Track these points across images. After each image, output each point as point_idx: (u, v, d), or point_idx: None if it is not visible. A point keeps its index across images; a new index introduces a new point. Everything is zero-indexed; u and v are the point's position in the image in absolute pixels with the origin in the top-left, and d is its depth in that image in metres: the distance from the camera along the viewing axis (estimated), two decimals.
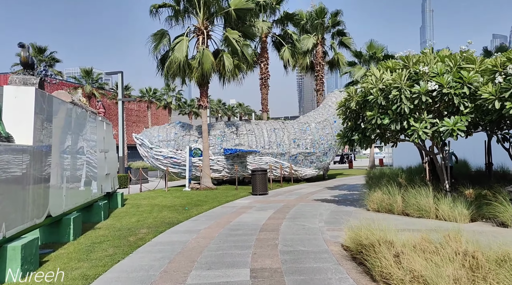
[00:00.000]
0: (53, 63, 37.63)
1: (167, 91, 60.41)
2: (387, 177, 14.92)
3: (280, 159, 20.29)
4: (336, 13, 27.36)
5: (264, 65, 23.96)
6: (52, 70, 37.35)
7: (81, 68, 44.67)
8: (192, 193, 17.32)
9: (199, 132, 20.25)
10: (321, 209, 11.17)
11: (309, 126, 20.99)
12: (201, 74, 17.93)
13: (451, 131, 8.44)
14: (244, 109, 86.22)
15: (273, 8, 23.77)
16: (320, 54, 27.58)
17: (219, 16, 19.01)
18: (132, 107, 79.41)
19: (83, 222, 9.99)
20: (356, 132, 10.36)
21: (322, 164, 21.52)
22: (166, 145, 19.84)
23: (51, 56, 37.11)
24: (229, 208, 12.23)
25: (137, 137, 20.24)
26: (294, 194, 15.77)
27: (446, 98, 8.58)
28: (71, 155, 8.50)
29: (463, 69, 8.88)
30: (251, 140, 20.08)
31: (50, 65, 37.30)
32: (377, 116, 9.38)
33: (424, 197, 9.12)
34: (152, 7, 18.69)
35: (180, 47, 17.66)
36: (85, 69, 44.46)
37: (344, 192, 15.86)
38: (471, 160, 17.90)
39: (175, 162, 19.80)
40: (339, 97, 22.11)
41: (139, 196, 16.59)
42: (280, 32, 24.69)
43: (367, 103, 9.87)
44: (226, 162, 19.87)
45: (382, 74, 9.37)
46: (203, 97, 19.01)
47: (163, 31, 18.63)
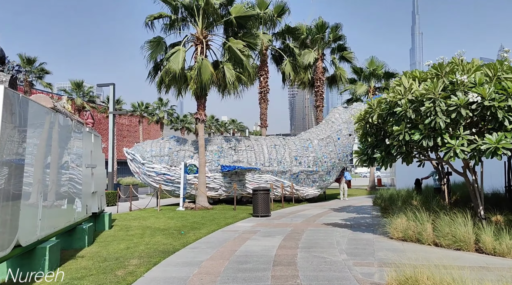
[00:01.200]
0: (43, 75, 36.12)
1: (159, 105, 59.13)
2: (402, 199, 13.77)
3: (281, 177, 19.02)
4: (337, 27, 26.60)
5: (264, 78, 22.93)
6: (41, 82, 35.93)
7: (71, 80, 43.29)
8: (187, 213, 15.92)
9: (195, 147, 18.96)
10: (336, 235, 9.89)
11: (311, 143, 19.83)
12: (199, 86, 16.77)
13: (494, 150, 7.31)
14: (237, 126, 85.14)
15: (274, 20, 22.90)
16: (321, 70, 26.71)
17: (219, 25, 18.00)
18: (123, 122, 77.94)
19: (64, 248, 8.57)
20: (378, 149, 9.19)
21: (325, 184, 20.28)
22: (159, 161, 18.49)
23: (40, 67, 35.64)
24: (231, 232, 10.88)
25: (128, 152, 18.87)
26: (299, 216, 14.46)
27: (488, 112, 7.48)
28: (51, 169, 7.16)
29: (504, 80, 7.83)
30: (251, 157, 18.82)
31: (39, 77, 35.86)
32: (405, 132, 8.23)
33: (461, 225, 7.91)
34: (148, 19, 17.60)
35: (176, 58, 16.51)
36: (75, 82, 43.07)
37: (353, 215, 14.60)
38: (486, 182, 16.78)
39: (168, 179, 18.42)
40: (343, 113, 21.10)
41: (128, 215, 15.14)
42: (280, 46, 23.77)
43: (391, 117, 8.73)
44: (223, 179, 18.53)
45: (411, 85, 8.26)
46: (200, 110, 17.80)
47: (159, 39, 17.52)
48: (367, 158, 9.49)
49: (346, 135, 20.45)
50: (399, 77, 9.18)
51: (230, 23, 17.66)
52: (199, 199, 17.41)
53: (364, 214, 14.80)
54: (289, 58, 22.74)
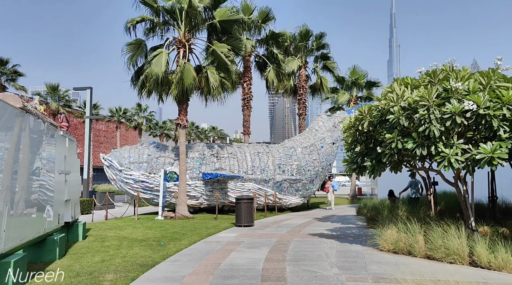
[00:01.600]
0: (16, 77, 34.73)
1: (138, 111, 57.93)
2: (388, 209, 13.54)
3: (264, 186, 18.59)
4: (321, 35, 26.60)
5: (247, 85, 22.55)
6: (14, 84, 34.55)
7: (47, 84, 41.89)
8: (166, 222, 15.27)
9: (175, 154, 18.34)
10: (323, 247, 9.49)
11: (295, 151, 19.51)
12: (181, 90, 16.24)
13: (489, 160, 7.09)
14: (217, 133, 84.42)
15: (258, 26, 22.62)
16: (304, 78, 26.58)
17: (203, 29, 17.56)
18: (100, 128, 76.17)
19: (32, 262, 7.88)
20: (368, 157, 8.88)
21: (308, 192, 19.96)
22: (138, 167, 17.78)
23: (13, 69, 34.29)
24: (213, 243, 10.35)
25: (105, 158, 18.08)
26: (283, 226, 14.03)
27: (483, 121, 7.28)
28: (19, 175, 6.52)
29: (497, 88, 7.67)
30: (233, 164, 18.33)
31: (12, 79, 34.50)
32: (398, 140, 7.95)
33: (454, 237, 7.64)
34: (130, 24, 16.99)
35: (158, 60, 15.96)
36: (51, 85, 41.72)
37: (338, 225, 14.27)
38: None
39: (147, 187, 17.71)
40: (326, 121, 20.92)
41: (104, 225, 14.38)
42: (264, 52, 23.50)
43: (383, 124, 8.46)
44: (204, 187, 17.96)
45: (403, 91, 8.01)
46: (182, 115, 17.23)
47: (140, 41, 16.95)
48: (357, 167, 9.18)
49: (329, 144, 20.25)
50: (389, 84, 8.95)
51: (214, 28, 17.25)
52: (179, 208, 16.78)
53: (349, 224, 14.50)
54: (273, 65, 22.48)
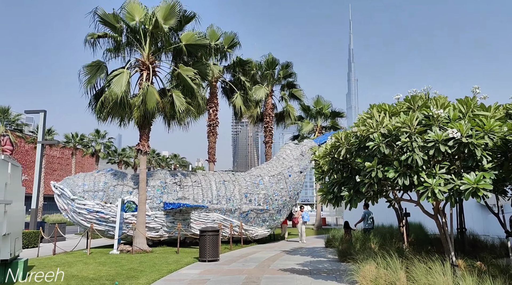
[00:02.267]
0: None
1: (96, 138, 55.54)
2: (360, 242, 13.02)
3: (229, 216, 17.64)
4: (287, 65, 26.70)
5: (213, 111, 21.92)
6: None
7: None
8: (122, 257, 13.93)
9: (134, 182, 17.13)
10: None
11: (262, 179, 18.83)
12: (143, 114, 15.32)
13: (474, 191, 6.73)
14: (179, 161, 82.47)
15: (224, 52, 22.31)
16: (270, 105, 26.38)
17: (168, 51, 16.92)
18: (55, 154, 72.50)
19: None
20: (345, 187, 8.34)
21: (275, 223, 19.19)
22: (93, 196, 16.39)
23: None
24: (175, 282, 9.30)
25: (56, 186, 16.57)
26: (251, 260, 13.11)
27: (466, 150, 6.96)
28: None
29: (477, 116, 7.46)
30: (197, 193, 17.34)
31: None
32: (377, 168, 7.48)
33: (439, 274, 7.12)
34: (90, 37, 16.14)
35: (119, 80, 15.05)
36: (1, 108, 39.11)
37: (309, 258, 13.54)
38: (428, 224, 16.70)
39: (102, 217, 16.30)
40: (294, 149, 20.51)
41: (51, 261, 12.85)
42: (230, 78, 23.11)
43: (361, 152, 8.00)
44: (165, 218, 16.77)
45: (383, 118, 7.63)
46: (143, 140, 16.21)
47: (99, 63, 15.99)
48: (333, 197, 8.60)
49: (297, 172, 19.76)
50: (349, 116, 8.58)
51: (180, 51, 16.65)
52: (137, 241, 15.46)
53: (319, 257, 13.80)
54: (240, 91, 22.07)
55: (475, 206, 17.49)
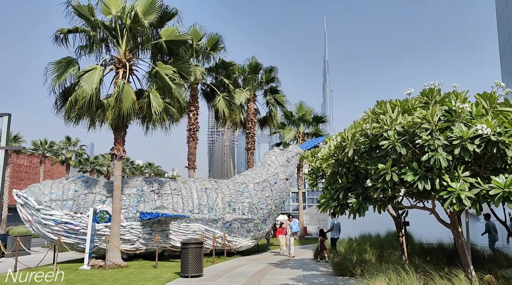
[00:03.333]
0: None
1: (67, 145, 53.09)
2: (356, 252, 12.08)
3: (211, 227, 16.40)
4: (271, 69, 25.89)
5: (194, 115, 20.73)
6: None
7: None
8: (94, 273, 12.49)
9: (108, 190, 15.69)
10: None
11: (246, 187, 17.70)
12: (118, 115, 14.00)
13: (506, 195, 5.90)
14: (154, 170, 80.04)
15: (207, 54, 21.22)
16: (252, 111, 25.42)
17: (146, 49, 15.71)
18: (22, 163, 69.00)
19: None
20: (352, 193, 7.38)
21: (260, 233, 18.06)
22: (61, 206, 14.86)
23: None
24: None
25: (19, 194, 14.96)
26: (238, 275, 11.93)
27: (495, 150, 6.14)
28: None
29: (501, 113, 6.68)
30: (177, 202, 16.03)
31: None
32: (392, 171, 6.55)
33: None
34: (59, 32, 14.75)
35: (90, 77, 13.71)
36: None
37: (300, 271, 12.49)
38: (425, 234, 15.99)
39: (71, 229, 14.78)
40: (279, 155, 19.51)
41: (10, 280, 11.28)
42: (212, 81, 22.00)
43: (372, 153, 7.07)
44: (142, 229, 15.38)
45: (398, 114, 6.73)
46: (118, 144, 14.84)
47: (70, 59, 14.57)
48: (338, 204, 7.61)
49: (283, 180, 18.75)
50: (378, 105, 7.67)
51: (159, 48, 15.46)
52: (111, 255, 14.01)
53: (311, 270, 12.76)
54: (223, 94, 20.97)
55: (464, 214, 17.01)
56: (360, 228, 19.71)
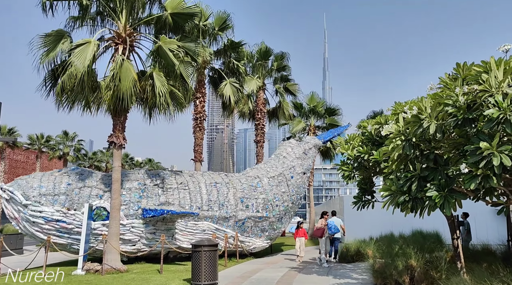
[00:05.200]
0: None
1: (64, 140, 51.30)
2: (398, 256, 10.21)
3: (222, 225, 14.54)
4: (282, 56, 23.96)
5: (200, 102, 18.84)
6: None
7: None
8: (89, 279, 10.64)
9: (106, 184, 13.81)
10: None
11: (260, 181, 15.83)
12: (117, 96, 12.08)
13: None
14: (154, 166, 78.17)
15: (214, 35, 19.31)
16: (262, 101, 23.52)
17: (150, 23, 13.82)
18: (18, 158, 67.03)
19: None
20: (432, 184, 5.51)
21: (276, 233, 16.20)
22: (52, 201, 12.98)
23: None
24: None
25: (4, 188, 13.07)
26: (257, 283, 10.08)
27: None
28: None
29: None
30: (184, 198, 14.16)
31: None
32: (500, 152, 4.69)
33: None
34: None
35: (82, 52, 11.76)
36: None
37: (330, 279, 10.63)
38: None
39: (63, 228, 12.91)
40: (295, 147, 17.59)
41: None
42: (220, 66, 20.11)
43: (466, 126, 5.20)
44: (144, 228, 13.51)
45: (507, 74, 4.87)
46: (117, 131, 12.94)
47: (62, 32, 12.57)
48: (410, 198, 5.75)
49: (300, 174, 16.85)
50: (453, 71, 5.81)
51: (164, 23, 13.55)
52: (109, 257, 12.14)
53: (344, 277, 10.90)
54: (230, 79, 19.04)
55: (489, 212, 15.28)
56: (367, 227, 17.24)
